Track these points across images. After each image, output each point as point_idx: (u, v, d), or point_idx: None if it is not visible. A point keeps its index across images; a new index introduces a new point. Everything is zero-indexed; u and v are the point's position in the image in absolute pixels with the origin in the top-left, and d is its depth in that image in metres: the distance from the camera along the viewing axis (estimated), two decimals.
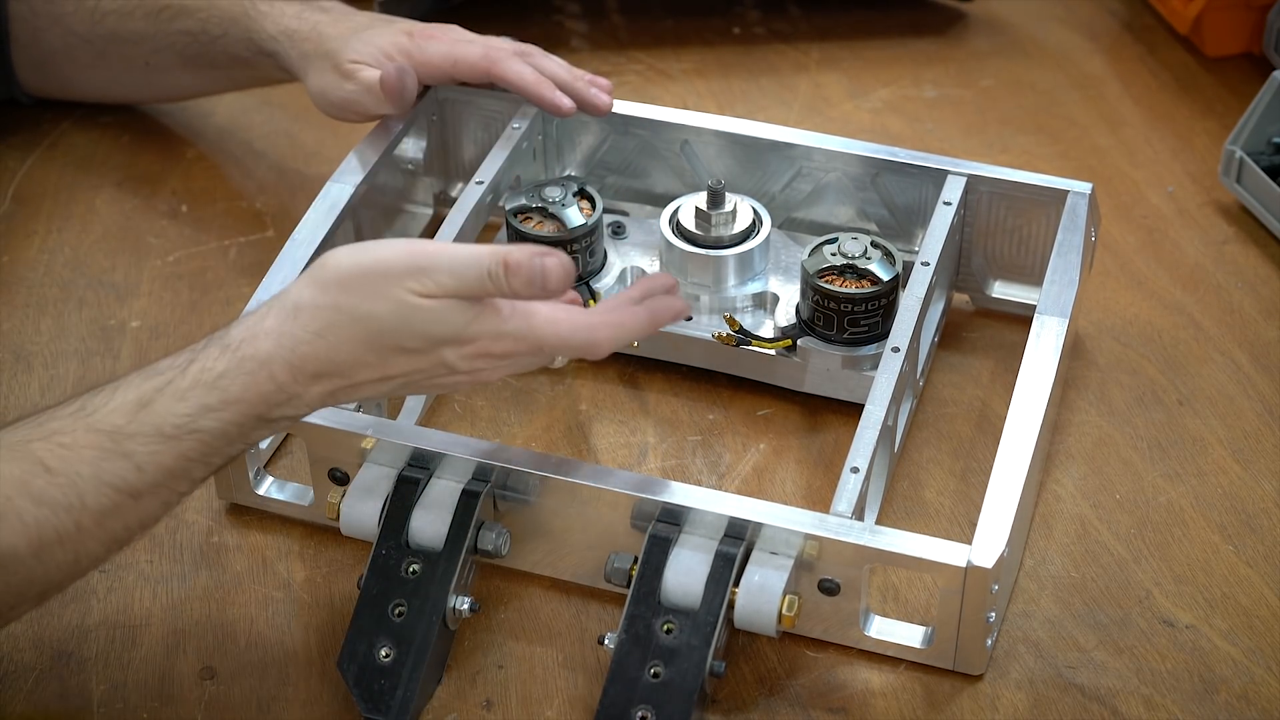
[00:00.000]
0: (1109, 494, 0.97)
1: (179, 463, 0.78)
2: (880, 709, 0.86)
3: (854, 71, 1.33)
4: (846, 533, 0.84)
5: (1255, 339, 1.07)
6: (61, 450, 0.76)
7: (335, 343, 0.79)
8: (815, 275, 0.99)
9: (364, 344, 0.80)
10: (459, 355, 0.80)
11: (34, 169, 1.22)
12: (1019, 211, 1.05)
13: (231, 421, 0.79)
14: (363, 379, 0.80)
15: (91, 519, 0.76)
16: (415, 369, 0.80)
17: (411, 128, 1.10)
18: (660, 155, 1.11)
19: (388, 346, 0.79)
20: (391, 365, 0.80)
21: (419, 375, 0.81)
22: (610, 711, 0.82)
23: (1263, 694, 0.86)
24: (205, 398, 0.79)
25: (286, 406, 0.80)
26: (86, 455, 0.77)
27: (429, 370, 0.81)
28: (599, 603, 0.90)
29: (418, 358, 0.80)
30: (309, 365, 0.79)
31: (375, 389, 0.81)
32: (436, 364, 0.80)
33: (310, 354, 0.79)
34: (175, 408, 0.78)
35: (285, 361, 0.79)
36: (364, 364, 0.80)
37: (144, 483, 0.77)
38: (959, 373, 1.05)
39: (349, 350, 0.80)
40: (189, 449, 0.78)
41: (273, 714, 0.86)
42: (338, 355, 0.80)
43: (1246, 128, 1.15)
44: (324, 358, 0.80)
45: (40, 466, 0.76)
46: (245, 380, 0.79)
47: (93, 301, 1.11)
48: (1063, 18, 1.40)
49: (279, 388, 0.79)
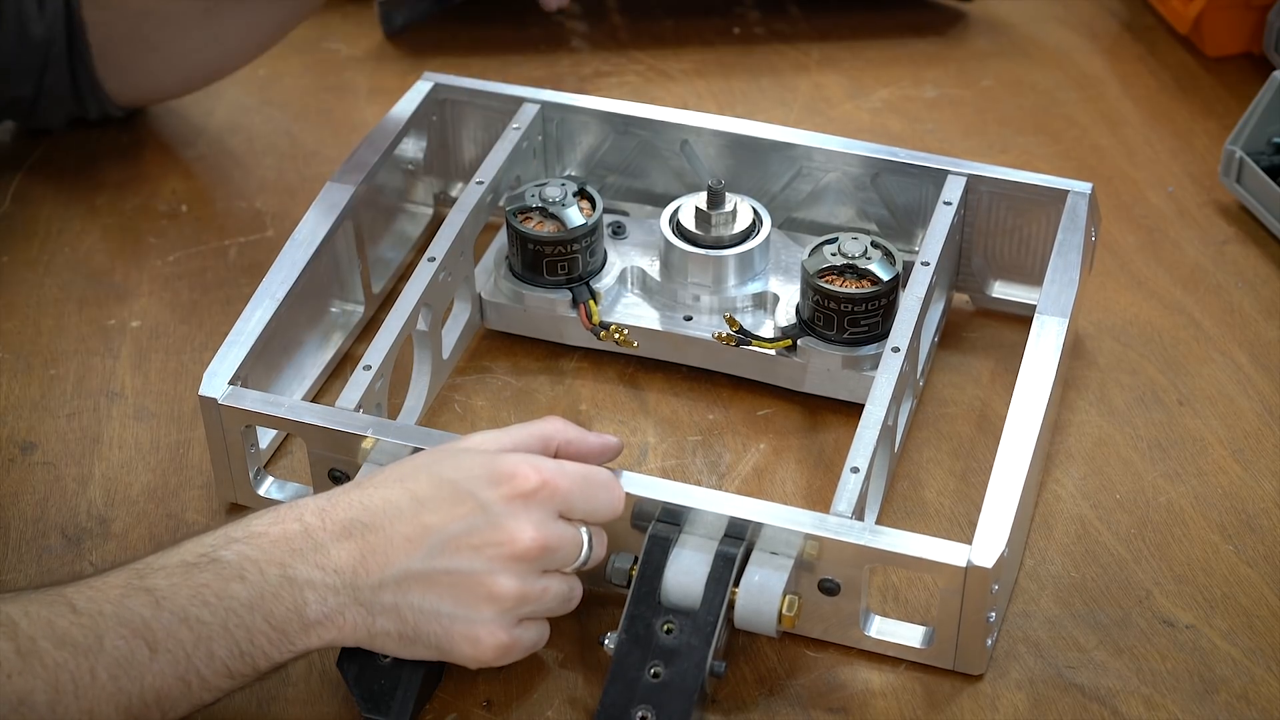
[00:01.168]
0: (1109, 494, 0.97)
1: (194, 604, 0.75)
2: (880, 709, 0.86)
3: (854, 71, 1.33)
4: (846, 533, 0.84)
5: (1255, 339, 1.07)
6: (90, 591, 0.75)
7: (370, 489, 0.79)
8: (815, 275, 0.99)
9: (399, 482, 0.80)
10: (498, 495, 0.79)
11: (34, 169, 1.22)
12: (1019, 211, 1.05)
13: (249, 558, 0.76)
14: (397, 533, 0.78)
15: (106, 668, 0.73)
16: (451, 515, 0.79)
17: (411, 128, 1.10)
18: (660, 155, 1.11)
19: (424, 482, 0.79)
20: (428, 510, 0.79)
21: (455, 525, 0.79)
22: (610, 711, 0.82)
23: (1263, 694, 0.86)
24: (232, 530, 0.78)
25: (310, 563, 0.77)
26: (113, 594, 0.75)
27: (464, 517, 0.79)
28: (599, 603, 0.90)
29: (454, 499, 0.79)
30: (339, 509, 0.79)
31: (408, 555, 0.78)
32: (474, 510, 0.79)
33: (342, 498, 0.79)
34: (204, 538, 0.78)
35: (317, 506, 0.79)
36: (398, 509, 0.79)
37: (160, 624, 0.74)
38: (959, 373, 1.05)
39: (382, 495, 0.79)
40: (206, 582, 0.76)
41: (272, 713, 0.86)
42: (370, 500, 0.79)
43: (1246, 128, 1.15)
44: (355, 501, 0.79)
45: (68, 607, 0.74)
46: (273, 516, 0.79)
47: (93, 301, 1.11)
48: (1063, 18, 1.40)
49: (305, 530, 0.78)
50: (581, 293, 1.03)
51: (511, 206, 1.04)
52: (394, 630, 0.79)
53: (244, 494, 0.96)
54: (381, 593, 0.78)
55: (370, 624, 0.78)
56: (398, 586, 0.78)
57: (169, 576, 0.75)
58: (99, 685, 0.73)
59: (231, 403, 0.92)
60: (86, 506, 0.97)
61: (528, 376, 1.05)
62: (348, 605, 0.77)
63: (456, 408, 1.03)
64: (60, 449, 1.00)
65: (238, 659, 0.76)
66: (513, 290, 1.04)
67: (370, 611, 0.78)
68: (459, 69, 1.23)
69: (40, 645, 0.72)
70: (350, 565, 0.78)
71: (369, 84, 1.31)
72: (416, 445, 0.88)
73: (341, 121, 1.27)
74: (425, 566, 0.78)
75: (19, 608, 0.73)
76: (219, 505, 0.97)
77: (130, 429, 1.02)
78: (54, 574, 0.92)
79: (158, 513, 0.96)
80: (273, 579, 0.76)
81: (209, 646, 0.75)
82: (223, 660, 0.75)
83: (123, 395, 1.04)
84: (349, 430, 0.90)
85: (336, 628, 0.78)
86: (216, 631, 0.75)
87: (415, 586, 0.78)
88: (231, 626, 0.75)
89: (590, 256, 1.04)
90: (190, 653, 0.74)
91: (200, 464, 0.99)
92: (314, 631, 0.77)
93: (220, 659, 0.75)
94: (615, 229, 1.08)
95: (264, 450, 0.97)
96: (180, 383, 1.05)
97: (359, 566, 0.78)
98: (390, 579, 0.78)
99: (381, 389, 0.95)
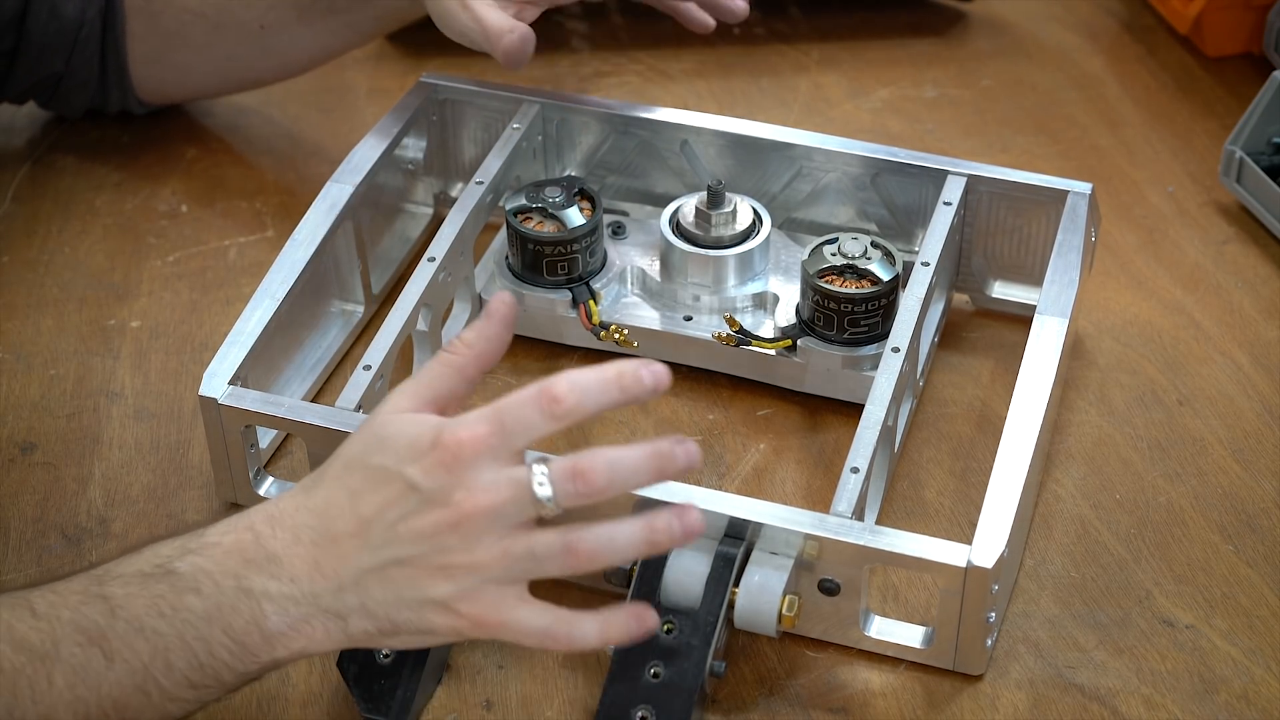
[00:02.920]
0: (1109, 494, 0.97)
1: (149, 615, 0.73)
2: (880, 709, 0.86)
3: (854, 72, 1.33)
4: (846, 533, 0.84)
5: (1255, 339, 1.07)
6: (51, 596, 0.74)
7: (314, 490, 0.77)
8: (815, 275, 0.99)
9: (336, 478, 0.77)
10: (420, 470, 0.74)
11: (34, 169, 1.22)
12: (1019, 211, 1.05)
13: (204, 570, 0.74)
14: (341, 532, 0.75)
15: (63, 675, 0.72)
16: (384, 502, 0.75)
17: (411, 128, 1.10)
18: (660, 155, 1.11)
19: (356, 472, 0.76)
20: (363, 502, 0.76)
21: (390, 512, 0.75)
22: (610, 711, 0.82)
23: (1263, 694, 0.86)
24: (188, 541, 0.76)
25: (265, 573, 0.75)
26: (72, 600, 0.73)
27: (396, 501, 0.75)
28: (599, 603, 0.90)
29: (383, 485, 0.75)
30: (286, 515, 0.76)
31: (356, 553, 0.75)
32: (403, 492, 0.75)
33: (289, 502, 0.77)
34: (161, 547, 0.76)
35: (267, 514, 0.77)
36: (338, 507, 0.76)
37: (115, 633, 0.73)
38: (959, 373, 1.05)
39: (324, 494, 0.77)
40: (161, 594, 0.74)
41: (272, 713, 0.86)
42: (314, 502, 0.76)
43: (1246, 128, 1.15)
44: (301, 505, 0.76)
45: (29, 611, 0.73)
46: (226, 525, 0.77)
47: (93, 301, 1.11)
48: (1063, 18, 1.40)
49: (256, 538, 0.76)
50: (581, 293, 1.03)
51: (511, 206, 1.04)
52: (372, 628, 0.76)
53: (244, 494, 0.96)
54: (344, 595, 0.76)
55: (345, 627, 0.76)
56: (357, 586, 0.76)
57: (125, 585, 0.74)
58: (55, 692, 0.72)
59: (231, 403, 0.92)
60: (86, 506, 0.97)
61: (528, 376, 1.05)
62: (313, 615, 0.75)
63: None
64: (60, 449, 1.00)
65: (198, 670, 0.74)
66: (513, 290, 1.04)
67: (341, 616, 0.76)
68: (459, 69, 1.23)
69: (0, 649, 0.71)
70: (306, 573, 0.75)
71: (369, 84, 1.31)
72: None
73: (341, 121, 1.27)
74: (375, 560, 0.75)
75: None
76: (219, 505, 0.97)
77: (130, 429, 1.02)
78: (54, 574, 0.92)
79: (158, 513, 0.96)
80: (229, 591, 0.75)
81: (166, 658, 0.73)
82: (182, 672, 0.74)
83: (123, 395, 1.04)
84: (349, 430, 0.90)
85: (305, 637, 0.75)
86: (173, 643, 0.74)
87: (373, 582, 0.75)
88: (189, 638, 0.74)
89: (590, 256, 1.04)
90: (148, 663, 0.73)
91: (200, 464, 0.99)
92: (278, 643, 0.75)
93: (180, 670, 0.74)
94: (615, 229, 1.08)
95: (264, 450, 0.97)
96: (180, 383, 1.05)
97: (314, 573, 0.75)
98: (348, 581, 0.75)
99: (381, 389, 0.95)
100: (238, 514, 0.77)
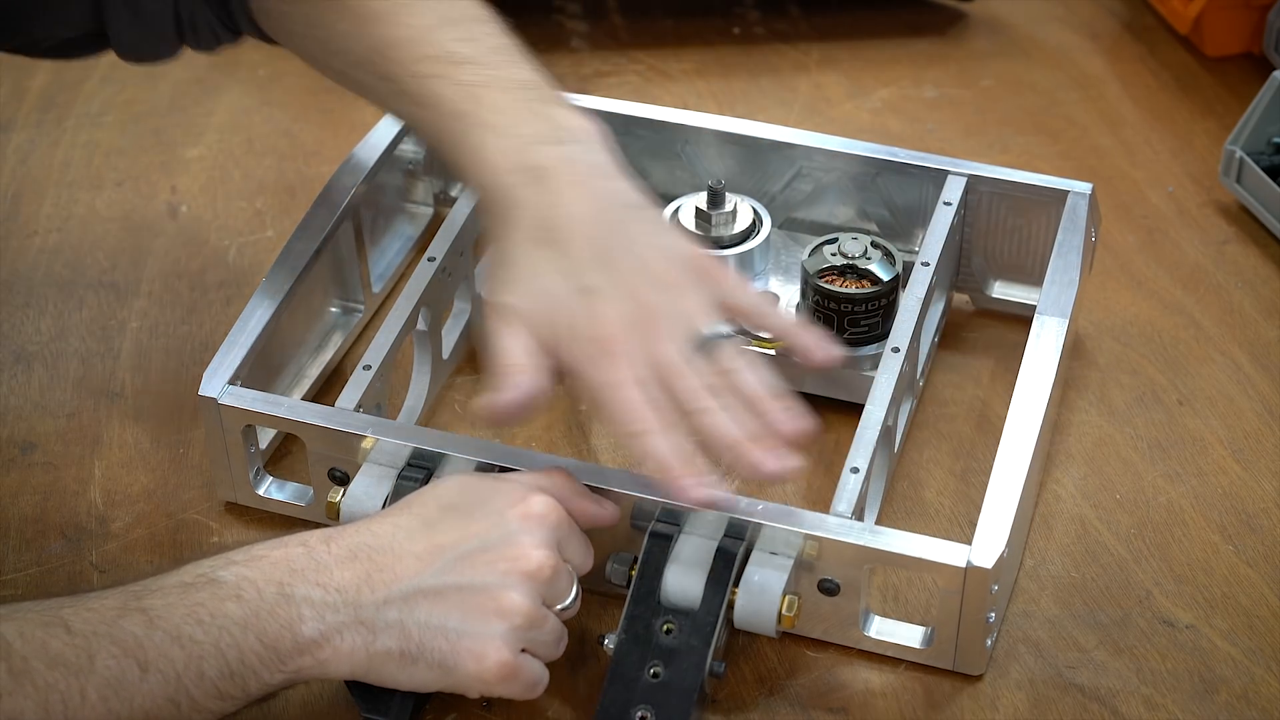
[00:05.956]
0: (1109, 494, 0.97)
1: (187, 623, 0.74)
2: (880, 709, 0.86)
3: (854, 71, 1.33)
4: (846, 533, 0.84)
5: (1255, 339, 1.07)
6: (86, 612, 0.74)
7: (376, 520, 0.80)
8: (815, 275, 0.99)
9: (404, 511, 0.80)
10: (513, 514, 0.80)
11: (34, 169, 1.22)
12: (1019, 211, 1.05)
13: (247, 578, 0.76)
14: (407, 551, 0.78)
15: (96, 689, 0.72)
16: (466, 534, 0.79)
17: None
18: (660, 155, 1.11)
19: (432, 516, 0.80)
20: (438, 534, 0.79)
21: (468, 544, 0.79)
22: (610, 711, 0.82)
23: (1263, 694, 0.86)
24: (233, 554, 0.77)
25: (311, 581, 0.76)
26: (108, 614, 0.74)
27: (482, 535, 0.79)
28: (599, 603, 0.90)
29: (468, 523, 0.80)
30: (345, 535, 0.78)
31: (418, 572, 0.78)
32: (490, 526, 0.80)
33: (349, 528, 0.79)
34: (203, 561, 0.77)
35: (324, 533, 0.79)
36: (407, 533, 0.79)
37: (152, 643, 0.73)
38: (959, 373, 1.05)
39: (391, 522, 0.79)
40: (201, 601, 0.75)
41: (271, 714, 0.86)
42: (378, 528, 0.79)
43: (1246, 128, 1.15)
44: (362, 529, 0.79)
45: (63, 628, 0.73)
46: (275, 541, 0.78)
47: (93, 301, 1.11)
48: (1063, 18, 1.40)
49: (307, 551, 0.77)
50: None
51: None
52: (396, 648, 0.78)
53: (244, 494, 0.96)
54: (386, 609, 0.77)
55: (370, 643, 0.77)
56: (404, 602, 0.78)
57: (165, 596, 0.75)
58: (89, 706, 0.72)
59: (231, 403, 0.92)
60: (86, 506, 0.97)
61: None
62: (347, 624, 0.77)
63: (456, 408, 1.03)
64: (60, 449, 1.00)
65: (227, 679, 0.75)
66: None
67: (371, 630, 0.77)
68: None
69: (33, 665, 0.71)
70: (354, 584, 0.77)
71: None
72: (416, 445, 0.88)
73: (341, 121, 1.27)
74: (436, 582, 0.78)
75: (14, 627, 0.72)
76: (219, 505, 0.97)
77: (130, 429, 1.02)
78: (54, 574, 0.93)
79: (158, 513, 0.96)
80: (269, 596, 0.76)
81: (199, 666, 0.74)
82: (212, 680, 0.74)
83: (123, 395, 1.04)
84: (349, 430, 0.90)
85: (332, 648, 0.77)
86: (208, 650, 0.74)
87: (423, 602, 0.78)
88: (223, 645, 0.74)
89: None
90: (181, 673, 0.74)
91: (200, 464, 0.99)
92: (308, 652, 0.76)
93: (210, 679, 0.74)
94: None
95: (264, 450, 0.97)
96: (180, 383, 1.05)
97: (363, 585, 0.77)
98: (397, 595, 0.77)
99: (381, 389, 0.95)
100: (289, 535, 0.79)
